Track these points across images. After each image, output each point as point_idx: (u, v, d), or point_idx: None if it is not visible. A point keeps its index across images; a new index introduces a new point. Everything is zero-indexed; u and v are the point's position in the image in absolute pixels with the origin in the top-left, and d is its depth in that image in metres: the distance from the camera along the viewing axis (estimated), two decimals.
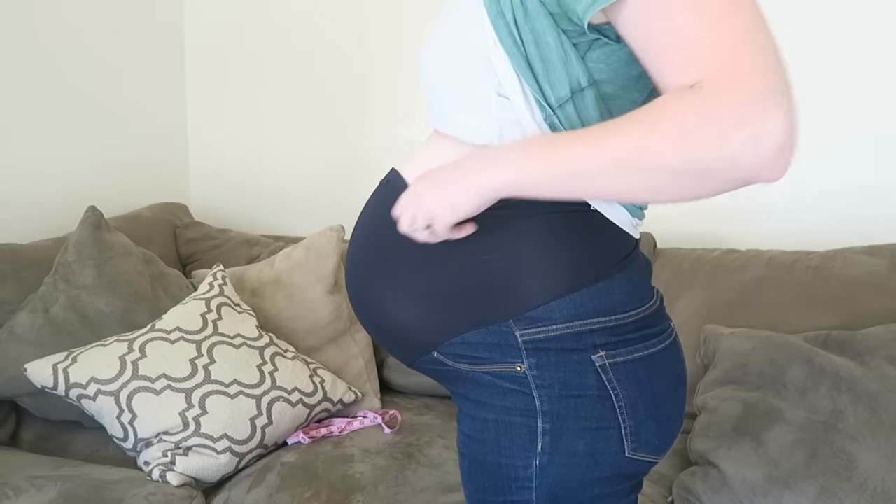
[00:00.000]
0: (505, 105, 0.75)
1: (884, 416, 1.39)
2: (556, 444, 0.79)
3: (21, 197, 1.91)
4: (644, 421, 0.80)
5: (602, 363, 0.78)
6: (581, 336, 0.77)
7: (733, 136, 0.58)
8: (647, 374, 0.80)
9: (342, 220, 2.00)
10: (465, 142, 0.79)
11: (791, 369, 1.49)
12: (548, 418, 0.78)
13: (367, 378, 1.85)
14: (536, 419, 0.79)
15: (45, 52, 1.96)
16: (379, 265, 0.85)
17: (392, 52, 2.25)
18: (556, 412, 0.78)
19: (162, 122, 2.39)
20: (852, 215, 1.89)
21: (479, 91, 0.76)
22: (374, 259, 0.85)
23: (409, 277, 0.82)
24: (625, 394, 0.79)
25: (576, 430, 0.79)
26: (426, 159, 0.83)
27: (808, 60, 1.87)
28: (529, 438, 0.79)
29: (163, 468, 1.45)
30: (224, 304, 1.68)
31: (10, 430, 1.67)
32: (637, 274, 0.82)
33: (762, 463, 1.38)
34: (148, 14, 2.30)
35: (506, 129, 0.76)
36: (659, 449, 0.83)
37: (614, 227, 0.81)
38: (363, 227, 0.89)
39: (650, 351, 0.81)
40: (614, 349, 0.78)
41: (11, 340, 1.59)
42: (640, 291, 0.82)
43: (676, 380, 0.85)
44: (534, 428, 0.79)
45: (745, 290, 1.71)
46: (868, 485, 1.32)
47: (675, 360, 0.85)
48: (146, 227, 2.04)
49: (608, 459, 0.80)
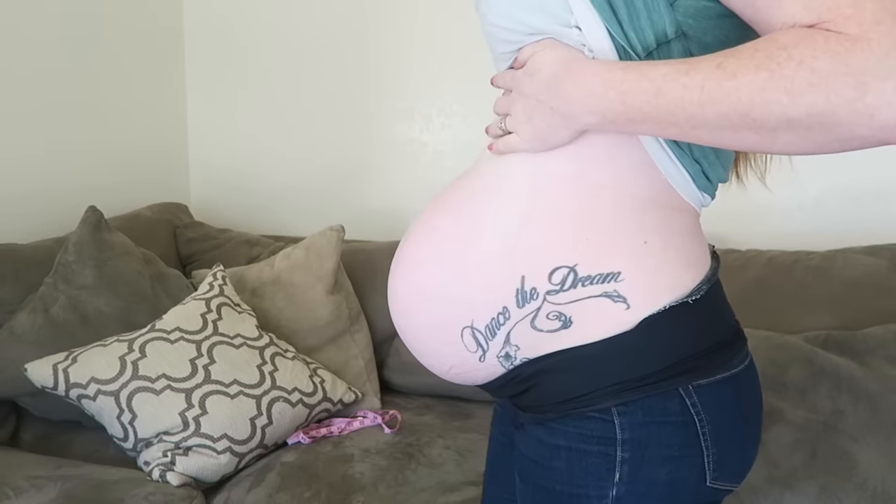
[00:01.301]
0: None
1: (884, 416, 1.39)
2: (635, 474, 0.72)
3: (21, 197, 1.91)
4: (727, 447, 0.74)
5: (686, 386, 0.71)
6: None
7: (874, 88, 0.51)
8: (731, 397, 0.74)
9: (342, 220, 1.99)
10: None
11: (791, 369, 1.49)
12: (627, 446, 0.72)
13: (367, 378, 1.85)
14: (615, 447, 0.72)
15: (45, 52, 1.96)
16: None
17: (393, 52, 2.24)
18: (636, 440, 0.71)
19: (162, 121, 2.39)
20: (852, 215, 1.89)
21: (553, 37, 0.69)
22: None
23: None
24: (709, 419, 0.72)
25: (657, 459, 0.72)
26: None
27: None
28: (606, 468, 0.72)
29: (163, 468, 1.45)
30: (224, 304, 1.68)
31: (10, 430, 1.67)
32: (719, 290, 0.77)
33: (762, 463, 1.38)
34: (148, 14, 2.30)
35: None
36: (739, 476, 0.78)
37: (698, 238, 0.76)
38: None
39: (734, 371, 0.74)
40: (698, 371, 0.72)
41: (11, 340, 1.59)
42: (723, 309, 0.78)
43: (758, 401, 0.79)
44: (612, 457, 0.72)
45: (745, 290, 1.71)
46: (868, 485, 1.32)
47: (755, 380, 0.79)
48: (146, 227, 2.04)
49: (689, 489, 0.74)
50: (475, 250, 0.74)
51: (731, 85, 0.56)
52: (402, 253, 0.82)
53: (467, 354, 0.77)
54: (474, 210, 0.75)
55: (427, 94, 2.23)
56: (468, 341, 0.76)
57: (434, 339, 0.79)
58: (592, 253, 0.70)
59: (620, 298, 0.70)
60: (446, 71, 2.19)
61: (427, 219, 0.80)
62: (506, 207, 0.73)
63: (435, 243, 0.77)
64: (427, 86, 2.22)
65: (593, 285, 0.70)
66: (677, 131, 0.61)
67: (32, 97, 1.93)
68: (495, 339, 0.75)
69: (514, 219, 0.72)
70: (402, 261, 0.81)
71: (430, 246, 0.78)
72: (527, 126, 0.70)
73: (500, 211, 0.73)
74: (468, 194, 0.77)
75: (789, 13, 0.56)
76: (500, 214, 0.73)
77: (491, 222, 0.73)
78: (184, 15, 2.43)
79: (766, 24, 0.59)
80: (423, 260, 0.78)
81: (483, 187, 0.75)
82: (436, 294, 0.77)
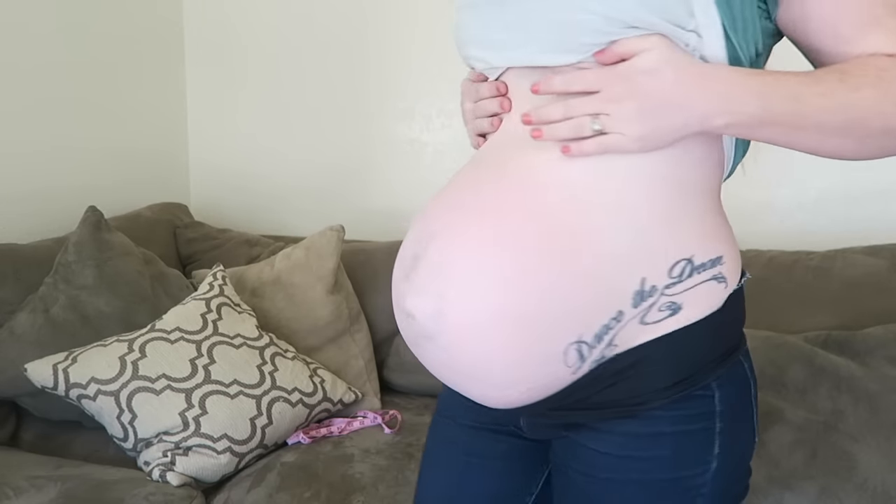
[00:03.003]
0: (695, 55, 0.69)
1: (884, 416, 1.39)
2: (730, 442, 0.75)
3: (21, 196, 1.91)
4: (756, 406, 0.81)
5: (745, 351, 0.79)
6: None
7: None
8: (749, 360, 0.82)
9: (342, 220, 1.99)
10: None
11: (791, 369, 1.49)
12: (724, 417, 0.74)
13: (367, 378, 1.85)
14: (715, 420, 0.74)
15: (45, 52, 1.96)
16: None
17: (393, 52, 2.24)
18: (728, 408, 0.74)
19: (162, 121, 2.39)
20: (852, 215, 1.89)
21: (662, 35, 0.68)
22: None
23: None
24: (753, 380, 0.79)
25: (741, 422, 0.77)
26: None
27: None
28: (708, 442, 0.74)
29: (163, 468, 1.45)
30: (224, 304, 1.68)
31: (10, 430, 1.67)
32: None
33: (762, 463, 1.38)
34: (148, 14, 2.30)
35: None
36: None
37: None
38: None
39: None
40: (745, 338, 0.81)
41: (11, 340, 1.59)
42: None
43: None
44: (712, 430, 0.74)
45: (746, 289, 1.71)
46: (868, 485, 1.32)
47: None
48: (146, 227, 2.04)
49: (751, 447, 0.80)
50: (578, 263, 0.69)
51: (856, 97, 0.67)
52: (451, 272, 0.72)
53: (562, 372, 0.73)
54: (565, 220, 0.70)
55: (427, 94, 2.22)
56: (570, 357, 0.72)
57: (517, 363, 0.72)
58: (704, 241, 0.74)
59: (723, 279, 0.75)
60: (446, 71, 2.19)
61: (477, 231, 0.72)
62: (612, 217, 0.70)
63: (513, 259, 0.70)
64: (427, 86, 2.22)
65: (706, 271, 0.74)
66: (800, 136, 0.69)
67: (32, 96, 1.93)
68: (598, 347, 0.72)
69: (625, 228, 0.70)
70: (459, 281, 0.71)
71: (506, 263, 0.70)
72: (638, 125, 0.68)
73: (605, 221, 0.70)
74: (540, 202, 0.71)
75: (873, 44, 0.69)
76: (606, 225, 0.70)
77: (598, 232, 0.70)
78: (184, 15, 2.43)
79: (842, 53, 0.70)
80: (504, 279, 0.70)
81: (570, 196, 0.70)
82: (528, 314, 0.70)
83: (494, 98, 0.80)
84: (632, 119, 0.68)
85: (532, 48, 0.73)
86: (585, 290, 0.70)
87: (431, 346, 0.75)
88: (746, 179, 0.93)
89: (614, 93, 0.68)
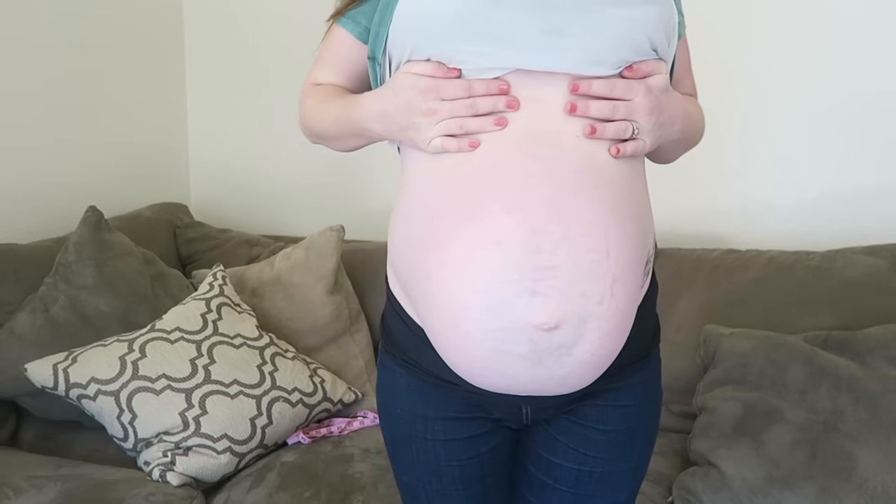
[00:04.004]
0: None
1: (884, 416, 1.39)
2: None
3: (21, 197, 1.91)
4: None
5: None
6: None
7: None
8: None
9: (342, 220, 1.99)
10: None
11: (791, 369, 1.49)
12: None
13: (367, 378, 1.85)
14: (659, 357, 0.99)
15: (45, 52, 1.95)
16: None
17: None
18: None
19: (162, 122, 2.39)
20: (852, 215, 1.89)
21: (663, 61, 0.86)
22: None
23: None
24: None
25: None
26: None
27: (807, 61, 1.87)
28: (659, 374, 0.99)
29: (163, 468, 1.45)
30: (224, 304, 1.68)
31: (10, 430, 1.67)
32: None
33: (762, 463, 1.38)
34: (148, 14, 2.30)
35: None
36: None
37: None
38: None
39: None
40: None
41: (11, 340, 1.59)
42: None
43: None
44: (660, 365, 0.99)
45: (745, 290, 1.71)
46: (868, 485, 1.32)
47: None
48: (146, 227, 2.04)
49: None
50: (644, 229, 0.84)
51: (700, 116, 0.96)
52: (592, 269, 0.76)
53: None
54: (639, 209, 0.84)
55: None
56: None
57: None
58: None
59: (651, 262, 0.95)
60: None
61: (594, 220, 0.77)
62: (644, 190, 0.88)
63: (626, 236, 0.79)
64: None
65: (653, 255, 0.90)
66: (683, 143, 0.94)
67: (32, 96, 1.93)
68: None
69: (648, 202, 0.88)
70: (603, 275, 0.76)
71: (627, 244, 0.79)
72: (655, 135, 0.82)
73: (644, 191, 0.88)
74: (625, 196, 0.81)
75: (689, 87, 0.98)
76: (645, 195, 0.87)
77: (644, 200, 0.87)
78: (184, 14, 2.43)
79: (681, 88, 0.94)
80: (629, 261, 0.80)
81: (633, 188, 0.83)
82: (641, 283, 0.85)
83: (496, 96, 0.78)
84: (653, 129, 0.81)
85: (580, 56, 0.78)
86: (645, 252, 0.84)
87: (568, 356, 0.77)
88: (746, 180, 0.95)
89: (644, 104, 0.79)
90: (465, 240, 0.77)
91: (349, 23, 0.92)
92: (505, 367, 0.78)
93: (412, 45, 0.81)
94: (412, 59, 0.81)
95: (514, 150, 0.78)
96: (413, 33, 0.80)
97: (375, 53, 0.87)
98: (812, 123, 1.89)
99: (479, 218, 0.76)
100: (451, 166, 0.80)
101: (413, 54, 0.81)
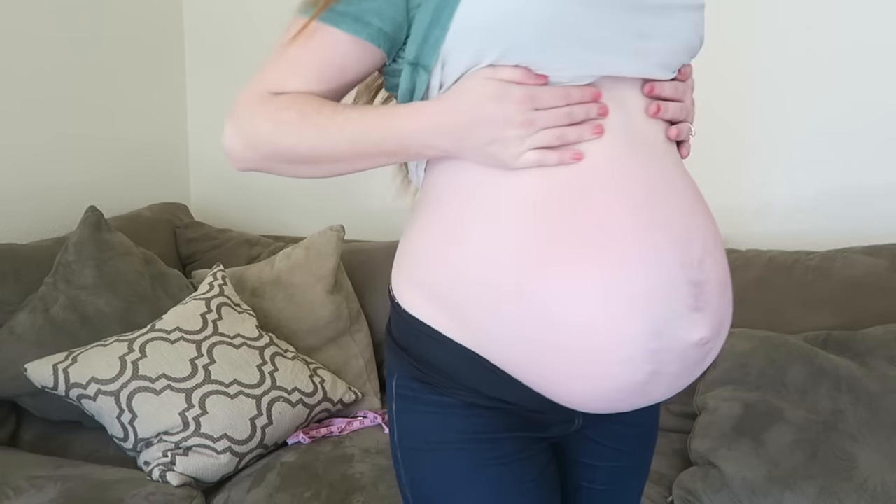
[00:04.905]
0: None
1: (884, 416, 1.39)
2: None
3: (21, 196, 1.91)
4: None
5: None
6: None
7: None
8: None
9: (342, 220, 1.99)
10: None
11: (791, 369, 1.49)
12: None
13: (367, 378, 1.85)
14: None
15: (45, 52, 1.96)
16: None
17: None
18: None
19: (162, 122, 2.39)
20: (852, 215, 1.89)
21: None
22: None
23: None
24: None
25: None
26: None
27: (807, 61, 1.87)
28: None
29: (163, 468, 1.45)
30: (224, 305, 1.68)
31: (10, 430, 1.67)
32: None
33: (762, 463, 1.38)
34: (148, 14, 2.30)
35: None
36: None
37: None
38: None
39: None
40: None
41: (11, 340, 1.59)
42: None
43: None
44: None
45: (745, 290, 1.71)
46: (868, 485, 1.32)
47: None
48: (146, 227, 2.04)
49: None
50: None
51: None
52: (723, 279, 0.77)
53: None
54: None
55: None
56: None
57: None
58: None
59: None
60: None
61: (709, 234, 0.78)
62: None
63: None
64: None
65: None
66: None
67: (32, 95, 1.93)
68: None
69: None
70: (725, 287, 0.78)
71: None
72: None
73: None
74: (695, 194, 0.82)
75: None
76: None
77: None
78: (184, 13, 2.43)
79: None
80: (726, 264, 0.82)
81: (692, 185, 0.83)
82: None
83: (589, 104, 0.73)
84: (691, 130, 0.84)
85: (657, 60, 0.77)
86: None
87: (698, 366, 0.77)
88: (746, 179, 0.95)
89: (692, 106, 0.83)
90: (608, 260, 0.71)
91: (351, 23, 0.74)
92: (651, 388, 0.74)
93: (500, 50, 0.71)
94: (495, 64, 0.72)
95: (622, 159, 0.74)
96: (497, 37, 0.71)
97: (421, 59, 0.74)
98: (812, 123, 1.89)
99: (619, 236, 0.71)
100: (550, 182, 0.73)
101: (500, 59, 0.71)
